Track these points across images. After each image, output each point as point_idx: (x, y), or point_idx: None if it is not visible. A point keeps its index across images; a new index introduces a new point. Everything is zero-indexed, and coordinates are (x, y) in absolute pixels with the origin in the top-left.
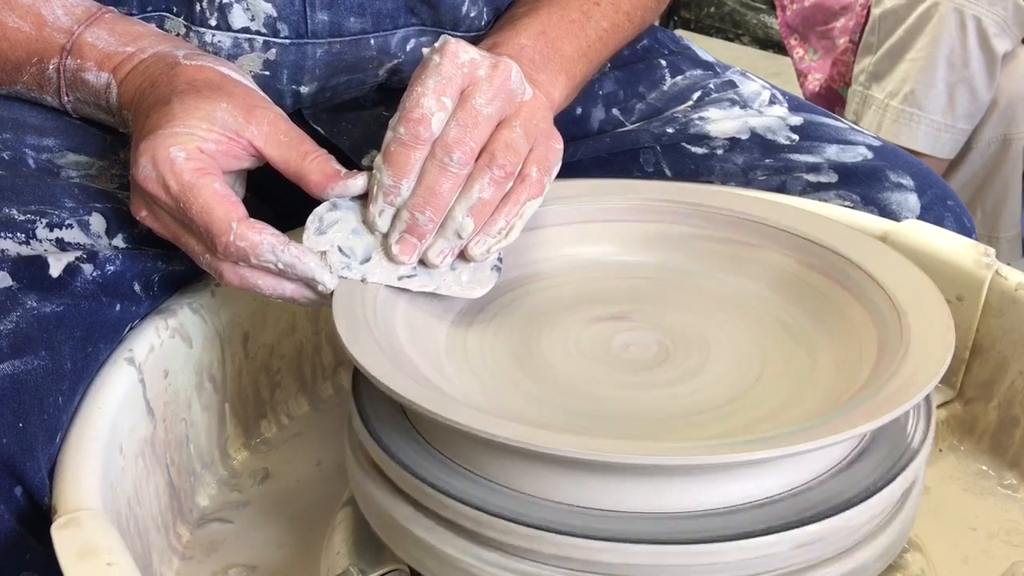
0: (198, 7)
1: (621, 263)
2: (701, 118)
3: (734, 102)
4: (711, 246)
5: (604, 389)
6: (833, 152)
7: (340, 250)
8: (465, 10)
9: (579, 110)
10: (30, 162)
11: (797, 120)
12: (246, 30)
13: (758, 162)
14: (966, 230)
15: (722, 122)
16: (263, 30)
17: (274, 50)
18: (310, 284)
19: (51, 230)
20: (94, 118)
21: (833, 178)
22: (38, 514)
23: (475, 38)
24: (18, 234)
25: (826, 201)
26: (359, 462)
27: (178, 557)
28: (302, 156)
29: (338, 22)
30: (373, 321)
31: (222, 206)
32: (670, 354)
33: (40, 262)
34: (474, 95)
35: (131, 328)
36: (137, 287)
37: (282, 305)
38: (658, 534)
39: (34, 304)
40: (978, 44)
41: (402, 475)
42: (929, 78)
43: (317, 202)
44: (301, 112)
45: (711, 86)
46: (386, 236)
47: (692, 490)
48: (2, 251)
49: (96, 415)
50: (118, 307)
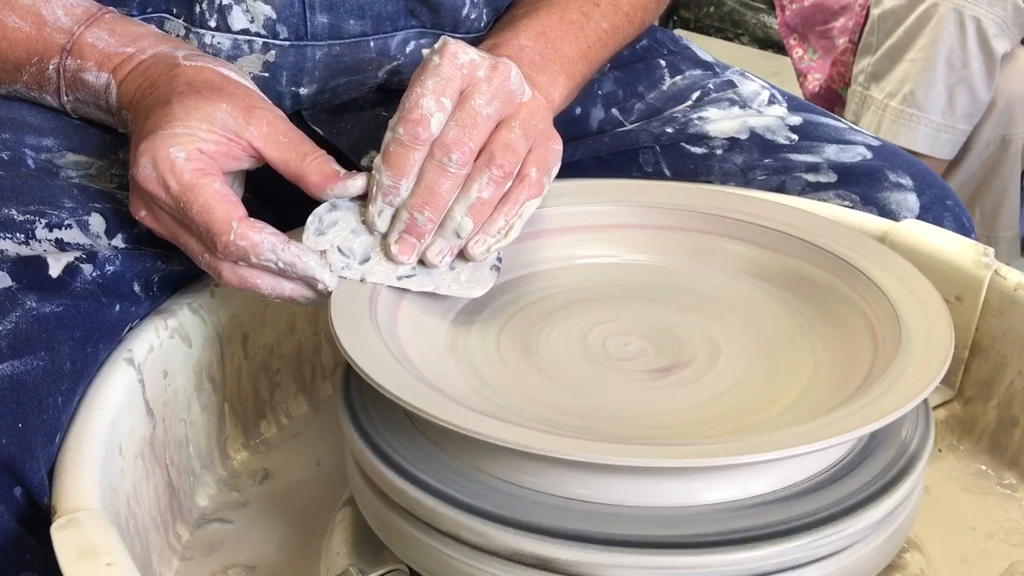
0: (198, 8)
1: (620, 264)
2: (700, 118)
3: (733, 102)
4: (710, 247)
5: (603, 389)
6: (832, 152)
7: (339, 250)
8: (465, 12)
9: (578, 110)
10: (29, 162)
11: (796, 120)
12: (245, 32)
13: (757, 162)
14: (965, 230)
15: (721, 122)
16: (262, 32)
17: (273, 52)
18: (310, 283)
19: (50, 230)
20: (94, 118)
21: (832, 178)
22: (38, 514)
23: (475, 39)
24: (17, 234)
25: (825, 201)
26: (358, 463)
27: (177, 557)
28: (302, 157)
29: (338, 24)
30: (371, 321)
31: (222, 206)
32: (669, 355)
33: (39, 262)
34: (473, 96)
35: (130, 328)
36: (137, 287)
37: (281, 305)
38: (658, 536)
39: (33, 304)
40: (977, 45)
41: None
42: (928, 78)
43: (316, 202)
44: (300, 113)
45: (710, 86)
46: (385, 236)
47: (689, 490)
48: (1, 251)
49: (95, 415)
50: (117, 307)
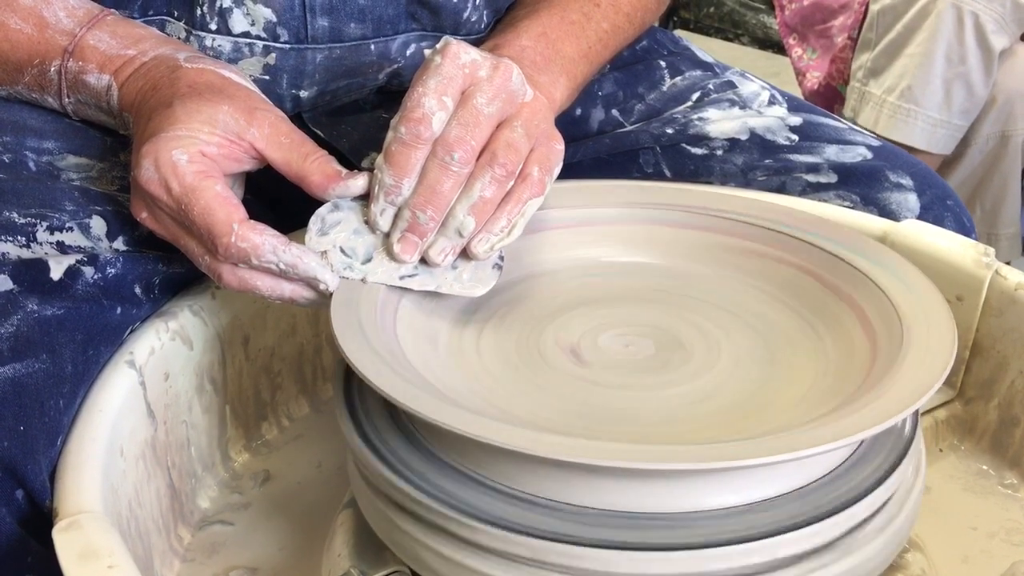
0: (199, 11)
1: (620, 264)
2: (700, 119)
3: (733, 102)
4: (710, 247)
5: (603, 390)
6: (832, 152)
7: (342, 250)
8: (467, 15)
9: (579, 111)
10: (31, 165)
11: (796, 120)
12: (246, 35)
13: (757, 162)
14: (966, 230)
15: (721, 122)
16: (263, 35)
17: (274, 55)
18: (311, 284)
19: (52, 233)
20: (95, 120)
21: (833, 178)
22: (39, 517)
23: (475, 41)
24: (19, 237)
25: (826, 201)
26: (359, 464)
27: (179, 559)
28: (303, 157)
29: (338, 28)
30: (371, 322)
31: (224, 208)
32: (669, 355)
33: (41, 265)
34: (475, 95)
35: (132, 331)
36: (138, 290)
37: (282, 307)
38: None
39: (35, 307)
40: (975, 40)
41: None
42: (926, 74)
43: (318, 204)
44: (301, 116)
45: (710, 87)
46: (387, 236)
47: (690, 493)
48: (3, 254)
49: (97, 418)
50: (119, 310)
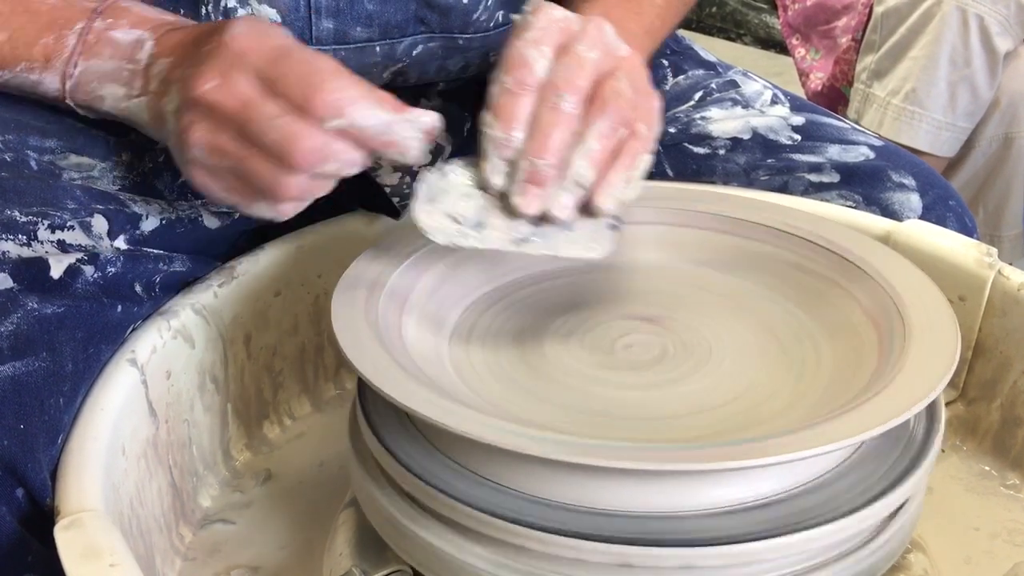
0: (204, 11)
1: (621, 264)
2: (703, 118)
3: (736, 102)
4: (712, 246)
5: (606, 390)
6: (835, 152)
7: (452, 217)
8: (476, 15)
9: None
10: (32, 164)
11: (799, 120)
12: None
13: (760, 162)
14: (968, 230)
15: (724, 122)
16: None
17: None
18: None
19: (53, 232)
20: (93, 96)
21: (835, 178)
22: (40, 516)
23: (483, 38)
24: (20, 236)
25: (828, 201)
26: (362, 463)
27: (180, 558)
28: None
29: (343, 30)
30: (373, 323)
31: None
32: (671, 355)
33: (41, 264)
34: (574, 44)
35: (133, 329)
36: (138, 288)
37: (284, 306)
38: (658, 534)
39: (35, 306)
40: (980, 43)
41: (407, 477)
42: (931, 76)
43: (331, 196)
44: None
45: (713, 86)
46: (502, 196)
47: (690, 492)
48: (3, 253)
49: (98, 416)
50: (119, 308)
